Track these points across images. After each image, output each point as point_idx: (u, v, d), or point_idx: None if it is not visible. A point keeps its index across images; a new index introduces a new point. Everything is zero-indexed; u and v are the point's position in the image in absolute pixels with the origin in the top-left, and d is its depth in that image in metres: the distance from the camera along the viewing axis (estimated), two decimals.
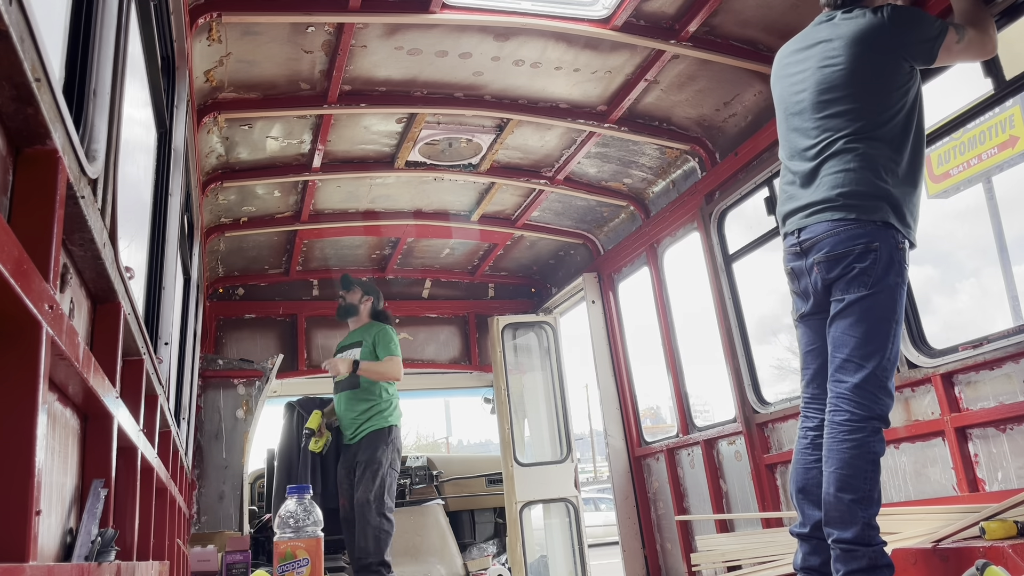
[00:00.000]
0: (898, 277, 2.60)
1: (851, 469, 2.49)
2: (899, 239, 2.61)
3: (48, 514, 1.21)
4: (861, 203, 2.61)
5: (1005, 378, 3.07)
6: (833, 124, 2.72)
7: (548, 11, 3.77)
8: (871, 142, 2.65)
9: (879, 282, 2.57)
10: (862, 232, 2.59)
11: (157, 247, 2.73)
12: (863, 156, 2.64)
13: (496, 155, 5.08)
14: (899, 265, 2.60)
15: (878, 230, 2.59)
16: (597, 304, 6.17)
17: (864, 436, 2.51)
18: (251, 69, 3.91)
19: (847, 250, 2.61)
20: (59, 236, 1.07)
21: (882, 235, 2.58)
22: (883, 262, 2.57)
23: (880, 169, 2.62)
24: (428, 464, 7.24)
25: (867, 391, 2.54)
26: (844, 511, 2.47)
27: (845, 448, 2.52)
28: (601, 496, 22.07)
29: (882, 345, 2.57)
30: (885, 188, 2.60)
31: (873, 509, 2.48)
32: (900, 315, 2.61)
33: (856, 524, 2.44)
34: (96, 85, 1.46)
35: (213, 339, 6.53)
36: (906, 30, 2.69)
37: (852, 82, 2.71)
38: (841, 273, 2.64)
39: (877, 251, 2.58)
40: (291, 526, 2.19)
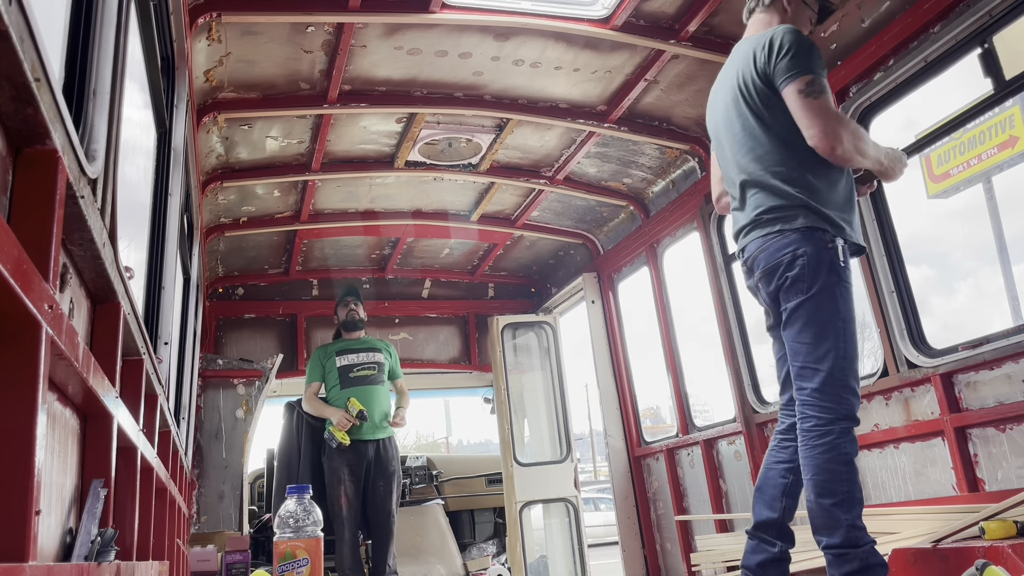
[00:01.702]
0: (833, 276, 2.61)
1: (826, 474, 2.49)
2: (827, 239, 2.64)
3: (48, 514, 1.21)
4: (780, 215, 2.68)
5: (1005, 378, 3.07)
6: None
7: (548, 11, 3.77)
8: (781, 157, 2.75)
9: (814, 285, 2.61)
10: (786, 242, 2.66)
11: (157, 247, 2.73)
12: (775, 172, 2.74)
13: (496, 155, 5.08)
14: (832, 264, 2.62)
15: (801, 236, 2.64)
16: (597, 304, 6.17)
17: (833, 439, 2.51)
18: (251, 69, 3.91)
19: (777, 262, 2.69)
20: (59, 236, 1.07)
21: (806, 240, 2.64)
22: (812, 265, 2.61)
23: (793, 180, 2.71)
24: (428, 464, 7.25)
25: (829, 393, 2.54)
26: (827, 516, 2.47)
27: (817, 453, 2.52)
28: (601, 496, 22.06)
29: (833, 345, 2.58)
30: (800, 196, 2.67)
31: (856, 510, 2.47)
32: (847, 312, 2.62)
33: (841, 527, 2.44)
34: (96, 85, 1.46)
35: (213, 339, 6.53)
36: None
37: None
38: (778, 285, 2.71)
39: (804, 256, 2.63)
40: (291, 526, 2.19)
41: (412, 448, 33.66)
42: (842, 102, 3.74)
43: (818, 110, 2.59)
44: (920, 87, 3.46)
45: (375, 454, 5.33)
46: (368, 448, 5.33)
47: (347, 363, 5.47)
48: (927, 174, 16.23)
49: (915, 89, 3.47)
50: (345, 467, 5.26)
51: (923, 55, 3.30)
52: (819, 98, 2.60)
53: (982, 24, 3.06)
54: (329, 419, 5.31)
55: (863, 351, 4.06)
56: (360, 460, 5.30)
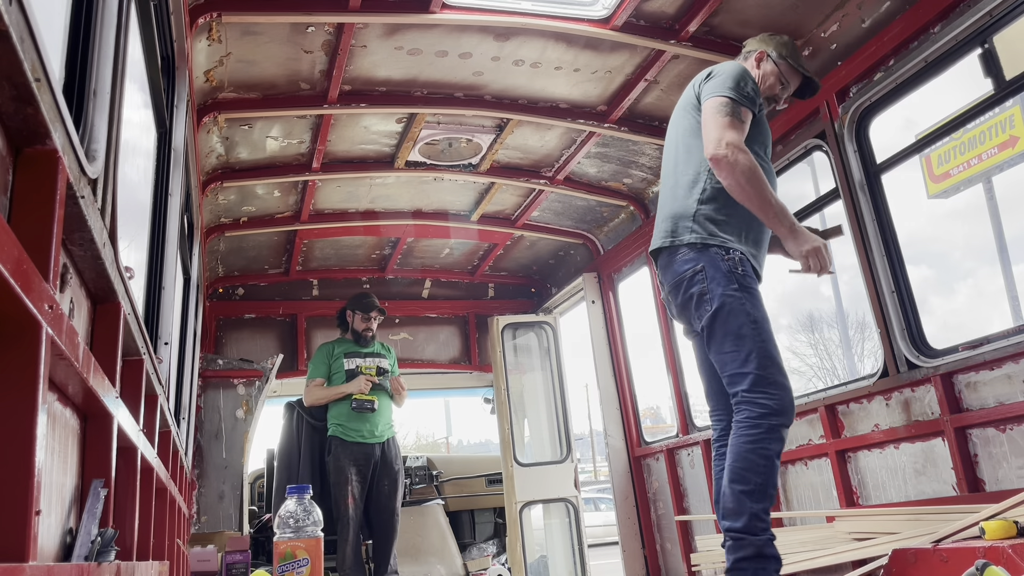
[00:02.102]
0: (733, 284, 2.75)
1: (745, 463, 2.63)
2: (722, 252, 2.80)
3: (48, 514, 1.21)
4: (676, 228, 2.90)
5: (1005, 378, 3.07)
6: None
7: (548, 11, 3.77)
8: (677, 178, 3.00)
9: (716, 299, 2.76)
10: (685, 259, 2.85)
11: (157, 247, 2.73)
12: (670, 192, 3.00)
13: (496, 155, 5.08)
14: (729, 274, 2.76)
15: (697, 252, 2.81)
16: (597, 304, 6.17)
17: (760, 433, 2.64)
18: (251, 69, 3.91)
19: (679, 278, 2.87)
20: (59, 236, 1.07)
21: (702, 255, 2.80)
22: (712, 279, 2.77)
23: (681, 197, 2.91)
24: (428, 464, 7.25)
25: (757, 391, 2.67)
26: (736, 502, 2.62)
27: (742, 443, 2.66)
28: (601, 496, 22.06)
29: (752, 347, 2.70)
30: (690, 209, 2.87)
31: (764, 503, 2.61)
32: (756, 313, 2.74)
33: (745, 514, 2.59)
34: (96, 85, 1.46)
35: (213, 339, 6.53)
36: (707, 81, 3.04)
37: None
38: (684, 300, 2.86)
39: (703, 271, 2.79)
40: (291, 526, 2.19)
41: (412, 448, 33.68)
42: (842, 102, 3.74)
43: (723, 125, 2.74)
44: (920, 87, 3.46)
45: (381, 454, 5.35)
46: (375, 449, 5.35)
47: (354, 367, 5.48)
48: (927, 174, 16.23)
49: (915, 89, 3.47)
50: (353, 466, 5.26)
51: (923, 55, 3.30)
52: (728, 118, 2.75)
53: (982, 24, 3.06)
54: (350, 394, 5.36)
55: (864, 351, 4.06)
56: (368, 460, 5.31)
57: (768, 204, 2.75)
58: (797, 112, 4.01)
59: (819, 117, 3.87)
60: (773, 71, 3.15)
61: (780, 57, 3.16)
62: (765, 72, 3.14)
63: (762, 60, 3.16)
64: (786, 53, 3.16)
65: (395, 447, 5.51)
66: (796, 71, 3.17)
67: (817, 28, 3.75)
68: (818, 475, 4.07)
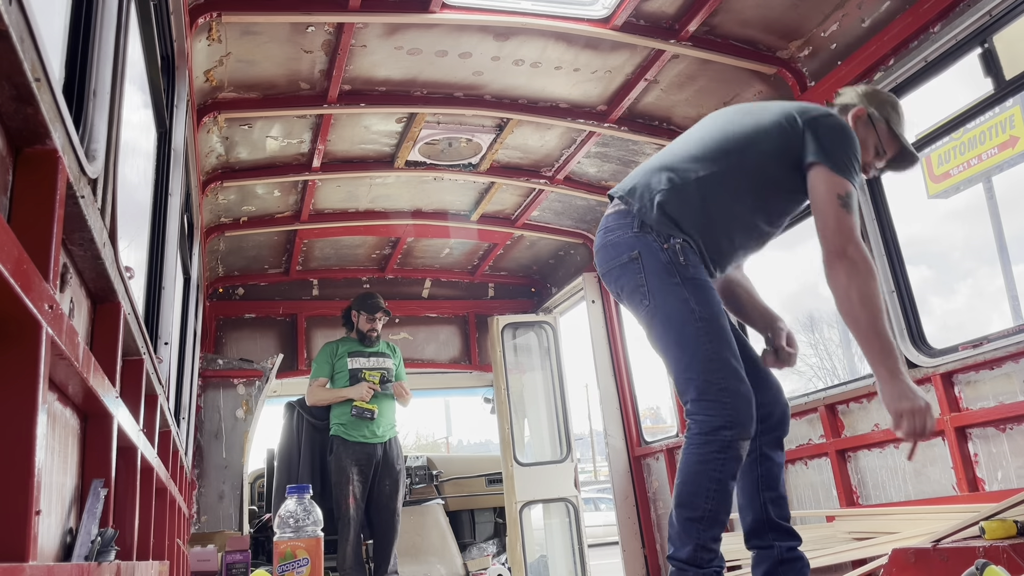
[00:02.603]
0: (674, 278, 2.41)
1: (693, 486, 2.31)
2: (659, 240, 2.45)
3: (48, 514, 1.21)
4: (625, 208, 2.55)
5: (1005, 378, 3.07)
6: None
7: (548, 11, 3.77)
8: (688, 160, 2.62)
9: (654, 290, 2.43)
10: (620, 243, 2.50)
11: (157, 247, 2.74)
12: (677, 170, 2.62)
13: (496, 155, 5.08)
14: (671, 264, 2.42)
15: (634, 238, 2.46)
16: (597, 304, 6.17)
17: (710, 451, 2.30)
18: (251, 69, 3.91)
19: (610, 265, 2.55)
20: (59, 236, 1.07)
21: (638, 241, 2.46)
22: (648, 269, 2.43)
23: (677, 170, 2.58)
24: (428, 464, 7.25)
25: (706, 400, 2.33)
26: (681, 528, 2.31)
27: (692, 462, 2.33)
28: (601, 496, 22.05)
29: (694, 350, 2.37)
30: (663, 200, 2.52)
31: (713, 531, 2.30)
32: (704, 309, 2.38)
33: (690, 544, 2.29)
34: (96, 85, 1.46)
35: (213, 339, 6.53)
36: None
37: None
38: (616, 292, 2.58)
39: (638, 259, 2.45)
40: (291, 526, 2.19)
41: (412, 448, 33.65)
42: None
43: (850, 226, 2.34)
44: (920, 87, 3.46)
45: (383, 454, 5.35)
46: (377, 449, 5.35)
47: (358, 367, 5.49)
48: (927, 174, 16.23)
49: (915, 89, 3.47)
50: (354, 466, 5.26)
51: (923, 55, 3.30)
52: (852, 215, 2.36)
53: (982, 24, 3.06)
54: (351, 399, 5.36)
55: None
56: (369, 460, 5.31)
57: (875, 335, 2.30)
58: None
59: None
60: (871, 135, 2.61)
61: (882, 119, 2.61)
62: (860, 135, 2.58)
63: (859, 119, 2.61)
64: (888, 115, 2.61)
65: (397, 447, 5.51)
66: (896, 138, 2.61)
67: (817, 28, 3.75)
68: (818, 474, 4.07)
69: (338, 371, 5.51)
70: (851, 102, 2.67)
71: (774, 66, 4.01)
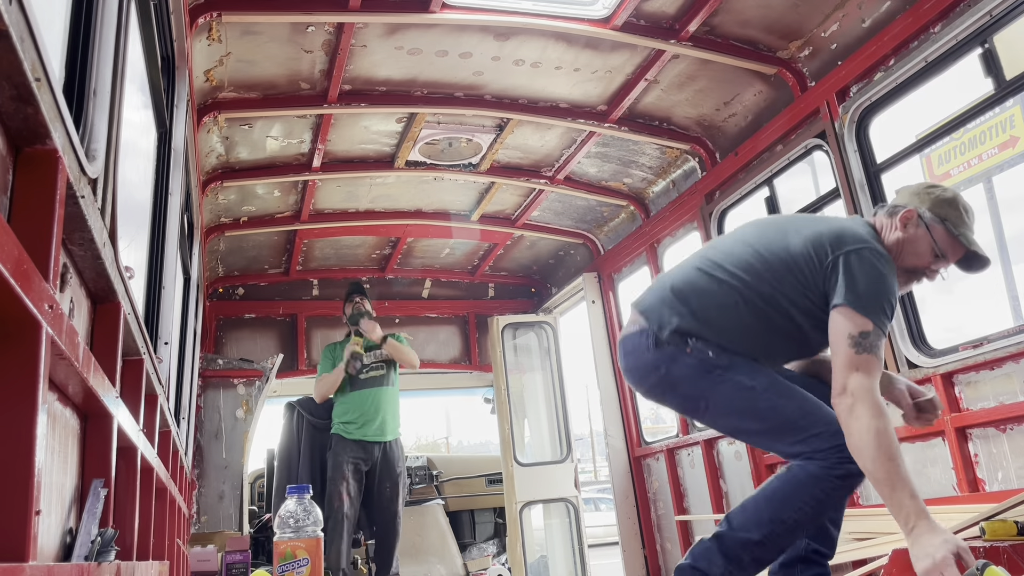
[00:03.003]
0: (710, 372, 2.30)
1: (793, 500, 2.21)
2: (680, 345, 2.35)
3: (48, 514, 1.21)
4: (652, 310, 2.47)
5: (1005, 378, 3.07)
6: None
7: (548, 11, 3.77)
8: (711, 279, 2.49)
9: (702, 393, 2.33)
10: (642, 364, 2.43)
11: (157, 247, 2.73)
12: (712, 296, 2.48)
13: (496, 155, 5.08)
14: (700, 365, 2.32)
15: (655, 355, 2.38)
16: (597, 304, 6.17)
17: (836, 486, 2.20)
18: (251, 69, 3.91)
19: (648, 384, 2.48)
20: (59, 236, 1.07)
21: (660, 356, 2.37)
22: (684, 378, 2.35)
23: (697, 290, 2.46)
24: (428, 464, 7.25)
25: (826, 448, 2.19)
26: (753, 526, 2.24)
27: (803, 495, 2.21)
28: (601, 496, 22.05)
29: (781, 418, 2.25)
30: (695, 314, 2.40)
31: (767, 556, 2.28)
32: (755, 384, 2.27)
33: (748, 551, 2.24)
34: (96, 85, 1.46)
35: (213, 339, 6.53)
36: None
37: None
38: (672, 408, 2.54)
39: (668, 375, 2.37)
40: (291, 526, 2.19)
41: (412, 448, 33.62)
42: (842, 102, 3.74)
43: (854, 364, 2.17)
44: (920, 87, 3.46)
45: (382, 454, 5.33)
46: (375, 449, 5.34)
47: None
48: (927, 174, 16.22)
49: (915, 89, 3.47)
50: (350, 464, 5.24)
51: (923, 55, 3.30)
52: (863, 354, 2.17)
53: (982, 24, 3.06)
54: (343, 362, 5.36)
55: None
56: (367, 458, 5.30)
57: (883, 481, 2.09)
58: (797, 112, 4.01)
59: (819, 117, 3.87)
60: (924, 239, 2.37)
61: (937, 220, 2.36)
62: (910, 236, 2.37)
63: (909, 222, 2.39)
64: (945, 215, 2.36)
65: (398, 449, 5.47)
66: (957, 240, 2.35)
67: (817, 28, 3.75)
68: None
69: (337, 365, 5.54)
70: (902, 203, 2.45)
71: (774, 66, 4.01)
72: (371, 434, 5.32)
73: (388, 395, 5.46)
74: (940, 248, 2.36)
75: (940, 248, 2.36)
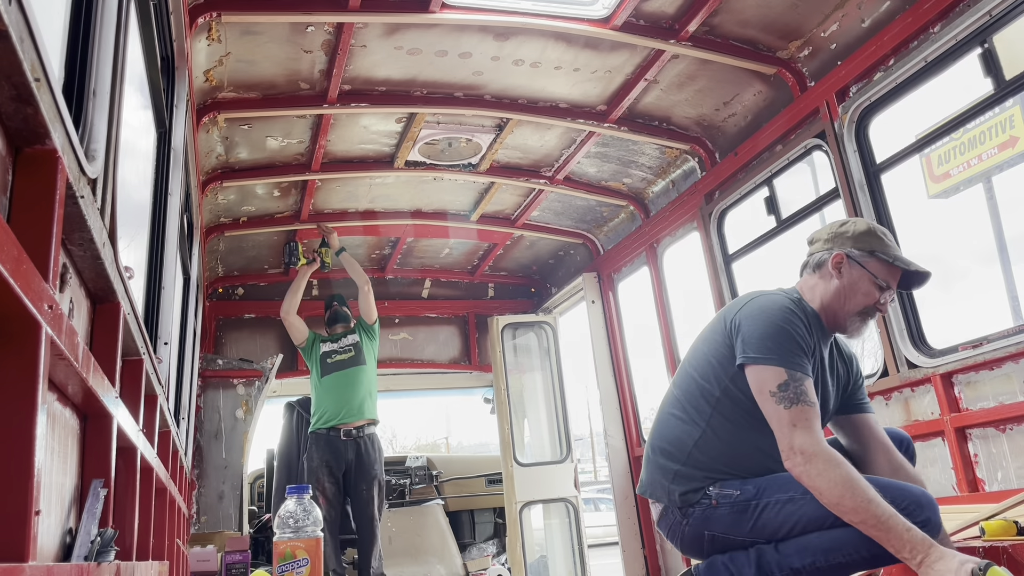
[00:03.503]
0: (744, 513, 2.21)
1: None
2: (704, 503, 2.28)
3: (48, 514, 1.21)
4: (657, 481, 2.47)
5: (1005, 378, 3.07)
6: None
7: (548, 11, 3.77)
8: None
9: (746, 535, 2.22)
10: (685, 535, 2.39)
11: (157, 247, 2.73)
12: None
13: (496, 155, 5.08)
14: (733, 508, 2.23)
15: (689, 525, 2.33)
16: (597, 304, 6.17)
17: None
18: (251, 69, 3.91)
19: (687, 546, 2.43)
20: (59, 236, 1.07)
21: (693, 522, 2.31)
22: (722, 534, 2.26)
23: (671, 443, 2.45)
24: (428, 464, 7.25)
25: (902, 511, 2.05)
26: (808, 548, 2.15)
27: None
28: (601, 496, 22.05)
29: (817, 511, 2.11)
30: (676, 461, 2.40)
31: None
32: (794, 495, 2.15)
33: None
34: (96, 85, 1.46)
35: (213, 339, 6.53)
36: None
37: None
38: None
39: (709, 536, 2.30)
40: (290, 526, 2.19)
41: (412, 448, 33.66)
42: (842, 102, 3.74)
43: (786, 422, 2.13)
44: (920, 87, 3.46)
45: (356, 455, 5.28)
46: (347, 448, 5.29)
47: (326, 350, 5.56)
48: (927, 174, 16.23)
49: (915, 89, 3.47)
50: (324, 466, 5.23)
51: (923, 55, 3.30)
52: (790, 409, 2.13)
53: (982, 24, 3.06)
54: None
55: (864, 351, 4.05)
56: (338, 460, 5.25)
57: (871, 523, 2.02)
58: (797, 112, 4.01)
59: (819, 117, 3.87)
60: (862, 275, 2.33)
61: (866, 254, 2.34)
62: (850, 279, 2.34)
63: (842, 265, 2.35)
64: (872, 246, 2.34)
65: (374, 451, 5.36)
66: (894, 266, 2.33)
67: (817, 28, 3.75)
68: None
69: (313, 358, 5.62)
70: (822, 250, 2.41)
71: (774, 66, 4.01)
72: (347, 415, 5.30)
73: (362, 374, 5.48)
74: (881, 280, 2.33)
75: (881, 280, 2.33)
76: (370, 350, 5.61)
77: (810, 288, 2.41)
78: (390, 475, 6.79)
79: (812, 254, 2.45)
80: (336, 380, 5.44)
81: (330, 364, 5.50)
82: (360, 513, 5.30)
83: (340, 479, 5.27)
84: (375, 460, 5.34)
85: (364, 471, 5.26)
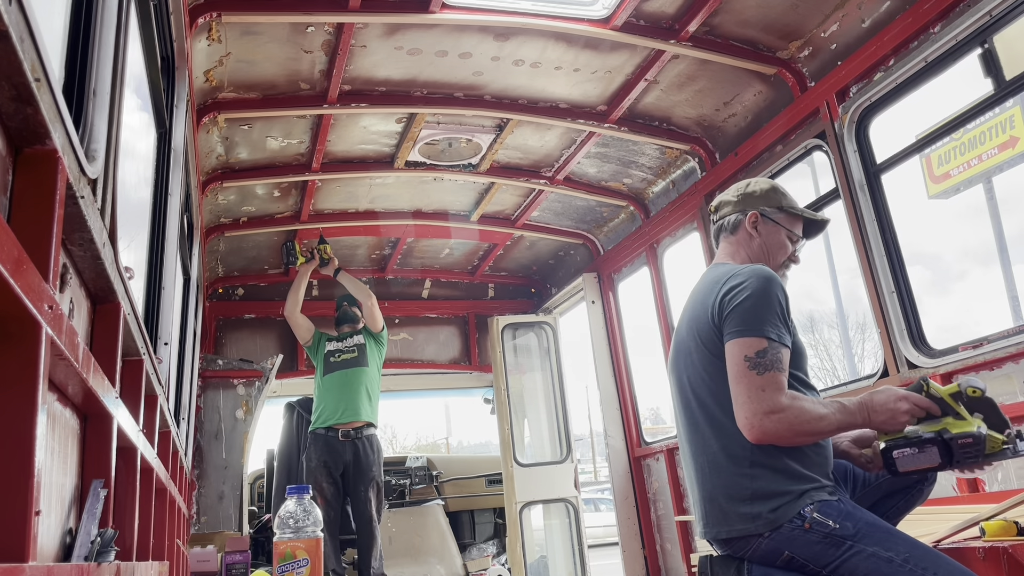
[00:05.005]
0: (838, 548, 2.05)
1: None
2: (798, 522, 2.09)
3: (48, 514, 1.21)
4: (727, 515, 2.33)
5: (1005, 378, 3.07)
6: None
7: (548, 11, 3.77)
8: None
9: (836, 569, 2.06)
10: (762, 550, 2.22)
11: (157, 247, 2.73)
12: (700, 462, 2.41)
13: (496, 155, 5.08)
14: (825, 539, 2.06)
15: (773, 546, 2.15)
16: (597, 304, 6.17)
17: None
18: (251, 69, 3.91)
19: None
20: (59, 236, 1.07)
21: (777, 544, 2.14)
22: (811, 561, 2.08)
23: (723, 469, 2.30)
24: (428, 464, 7.25)
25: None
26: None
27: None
28: (601, 497, 22.05)
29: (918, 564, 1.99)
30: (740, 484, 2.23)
31: None
32: (893, 554, 2.01)
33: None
34: (96, 85, 1.46)
35: (213, 339, 6.53)
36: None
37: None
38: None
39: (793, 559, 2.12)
40: (291, 526, 2.19)
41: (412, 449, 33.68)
42: (842, 102, 3.74)
43: (754, 387, 2.04)
44: (920, 87, 3.46)
45: (353, 456, 5.29)
46: (345, 449, 5.30)
47: (331, 349, 5.58)
48: (927, 175, 16.23)
49: (915, 89, 3.47)
50: (322, 468, 5.25)
51: (923, 55, 3.30)
52: (763, 375, 2.04)
53: (982, 24, 3.06)
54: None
55: (864, 352, 4.04)
56: (336, 460, 5.26)
57: (843, 423, 2.08)
58: (797, 112, 4.01)
59: (819, 117, 3.87)
60: (778, 231, 2.40)
61: (775, 209, 2.40)
62: (767, 235, 2.39)
63: (758, 223, 2.40)
64: (778, 202, 2.42)
65: (372, 452, 5.35)
66: (799, 217, 2.43)
67: (817, 28, 3.75)
68: None
69: (318, 356, 5.64)
70: (734, 212, 2.43)
71: (774, 66, 4.01)
72: (346, 417, 5.31)
73: (362, 375, 5.49)
74: (792, 231, 2.41)
75: (792, 231, 2.41)
76: (374, 353, 5.62)
77: (733, 253, 2.42)
78: (390, 475, 6.79)
79: (723, 218, 2.47)
80: (337, 379, 5.45)
81: (332, 363, 5.53)
82: (359, 514, 5.31)
83: (338, 480, 5.28)
84: (373, 462, 5.33)
85: (362, 472, 5.27)
